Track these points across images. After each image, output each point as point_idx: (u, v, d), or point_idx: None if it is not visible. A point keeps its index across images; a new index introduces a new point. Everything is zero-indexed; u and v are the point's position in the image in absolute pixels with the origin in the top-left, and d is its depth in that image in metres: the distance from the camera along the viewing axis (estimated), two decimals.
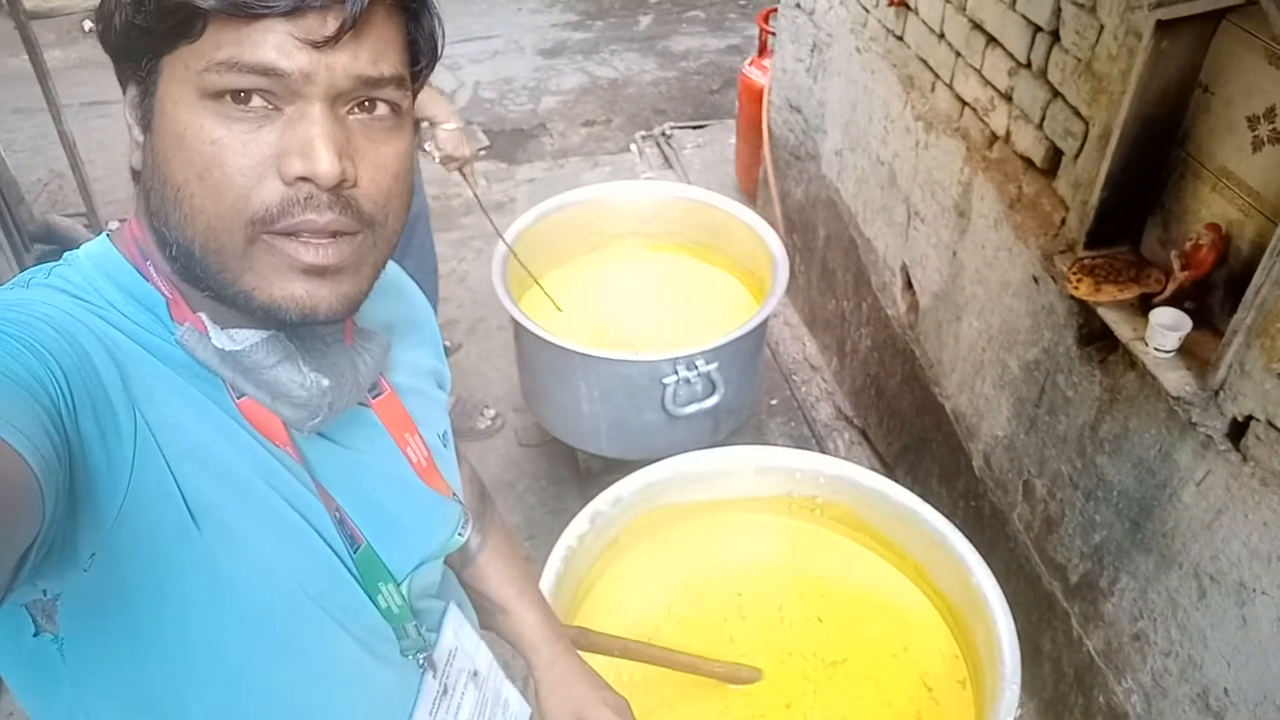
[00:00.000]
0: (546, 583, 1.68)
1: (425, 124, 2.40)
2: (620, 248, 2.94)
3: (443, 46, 0.77)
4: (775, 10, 3.58)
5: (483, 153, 4.77)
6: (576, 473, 2.92)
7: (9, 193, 3.26)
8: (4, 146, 3.37)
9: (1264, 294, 1.41)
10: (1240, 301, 1.46)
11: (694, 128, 4.85)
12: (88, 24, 5.88)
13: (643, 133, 4.91)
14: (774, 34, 3.58)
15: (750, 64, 3.88)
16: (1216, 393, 1.54)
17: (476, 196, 2.62)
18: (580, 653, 1.20)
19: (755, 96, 3.71)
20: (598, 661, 1.69)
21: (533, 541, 2.72)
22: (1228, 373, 1.51)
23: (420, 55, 0.74)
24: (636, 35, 6.07)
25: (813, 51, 3.11)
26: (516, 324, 2.47)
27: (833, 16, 2.92)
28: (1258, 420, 1.47)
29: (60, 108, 3.35)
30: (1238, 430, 1.52)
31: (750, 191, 4.01)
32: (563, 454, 2.97)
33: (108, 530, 0.65)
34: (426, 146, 2.42)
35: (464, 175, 2.52)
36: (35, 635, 0.71)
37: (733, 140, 4.32)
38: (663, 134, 4.81)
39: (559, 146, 4.89)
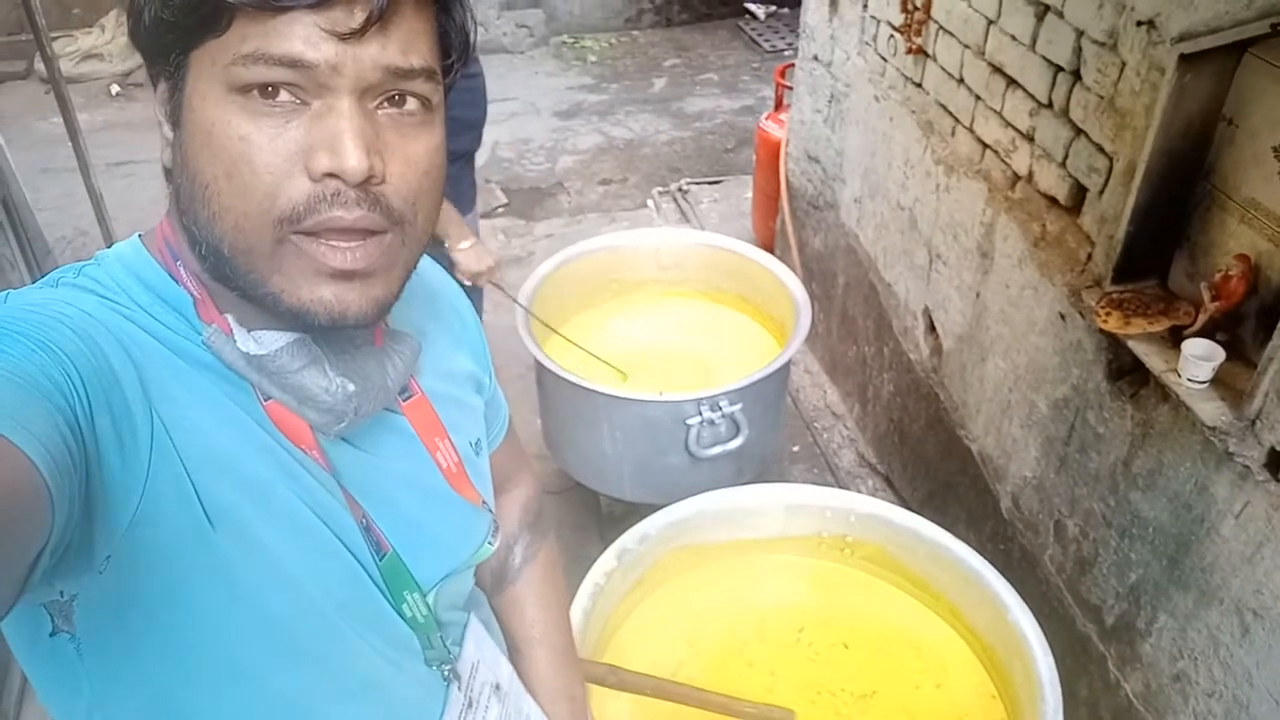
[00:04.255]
0: (575, 620, 1.66)
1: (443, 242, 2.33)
2: (642, 294, 2.95)
3: (475, 40, 0.75)
4: (792, 65, 3.65)
5: (501, 210, 4.85)
6: (598, 519, 2.90)
7: (36, 245, 3.32)
8: (32, 204, 3.42)
9: None
10: (1274, 329, 1.45)
11: (710, 183, 4.90)
12: (114, 88, 6.02)
13: (659, 188, 4.96)
14: (790, 88, 3.64)
15: (767, 118, 3.94)
16: (1253, 422, 1.52)
17: (512, 297, 2.55)
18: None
19: (772, 149, 3.76)
20: (625, 699, 1.66)
21: None
22: (1264, 401, 1.49)
23: (451, 48, 0.73)
24: (651, 97, 6.17)
25: (830, 102, 3.15)
26: (540, 367, 2.47)
27: (850, 67, 2.97)
28: None
29: (89, 165, 3.42)
30: (1276, 460, 1.50)
31: (767, 244, 4.03)
32: (584, 501, 2.95)
33: (123, 533, 0.65)
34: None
35: (496, 285, 2.45)
36: (52, 634, 0.70)
37: (749, 195, 4.36)
38: (679, 189, 4.87)
39: (576, 204, 4.94)
